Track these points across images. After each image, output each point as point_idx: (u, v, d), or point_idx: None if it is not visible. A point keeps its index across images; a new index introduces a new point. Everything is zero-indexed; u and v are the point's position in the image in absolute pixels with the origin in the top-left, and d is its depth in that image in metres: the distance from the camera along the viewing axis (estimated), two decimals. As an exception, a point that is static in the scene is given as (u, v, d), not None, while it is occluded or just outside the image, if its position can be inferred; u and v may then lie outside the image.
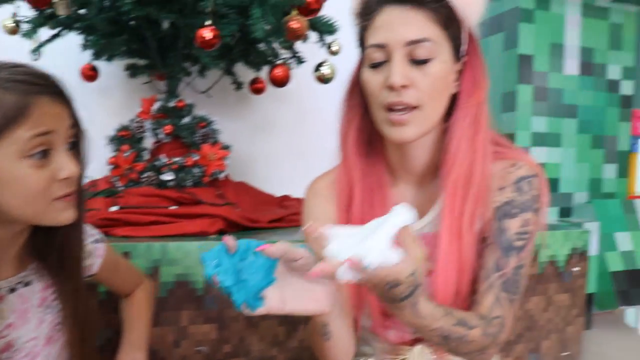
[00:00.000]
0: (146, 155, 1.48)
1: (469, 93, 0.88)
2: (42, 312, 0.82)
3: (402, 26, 0.84)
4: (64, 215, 0.74)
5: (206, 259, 0.67)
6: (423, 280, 0.73)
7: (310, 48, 1.62)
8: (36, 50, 1.55)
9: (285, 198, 1.65)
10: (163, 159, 1.42)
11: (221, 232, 1.25)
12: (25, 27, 1.48)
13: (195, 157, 1.43)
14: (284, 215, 1.43)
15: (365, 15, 0.90)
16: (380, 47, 0.86)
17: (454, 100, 0.89)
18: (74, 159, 0.74)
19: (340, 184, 0.96)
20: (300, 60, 1.67)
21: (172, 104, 1.53)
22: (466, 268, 0.87)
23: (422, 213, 0.93)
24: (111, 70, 1.82)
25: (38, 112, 0.69)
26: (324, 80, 1.58)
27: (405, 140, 0.86)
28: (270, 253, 0.69)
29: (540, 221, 0.88)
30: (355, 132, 0.95)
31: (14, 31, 1.50)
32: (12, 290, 0.79)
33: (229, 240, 0.68)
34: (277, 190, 1.77)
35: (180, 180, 1.40)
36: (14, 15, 1.48)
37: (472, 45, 0.89)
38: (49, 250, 0.82)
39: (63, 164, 0.72)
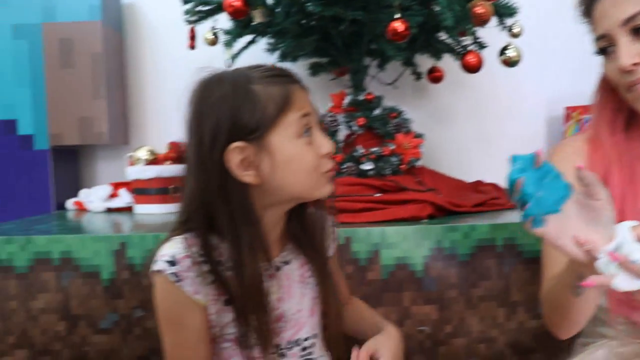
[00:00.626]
0: (342, 147, 1.53)
1: None
2: (302, 288, 0.89)
3: (613, 8, 0.82)
4: (327, 188, 0.83)
5: (515, 160, 0.71)
6: None
7: (487, 33, 1.59)
8: (234, 58, 1.68)
9: (479, 183, 1.64)
10: (360, 149, 1.47)
11: (431, 217, 1.26)
12: (222, 37, 1.61)
13: (392, 147, 1.46)
14: (485, 200, 1.42)
15: (586, 13, 0.90)
16: (602, 37, 0.85)
17: None
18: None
19: (593, 163, 0.93)
20: (481, 46, 1.65)
21: (361, 97, 1.57)
22: None
23: None
24: (295, 70, 1.91)
25: (297, 97, 0.78)
26: (510, 63, 1.54)
27: None
28: (584, 176, 0.70)
29: None
30: (611, 116, 0.92)
31: (213, 42, 1.63)
32: (278, 268, 0.87)
33: (539, 153, 0.71)
34: (462, 177, 1.76)
35: (380, 169, 1.44)
36: (213, 27, 1.62)
37: None
38: (301, 231, 0.90)
39: (322, 141, 0.81)
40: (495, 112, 2.03)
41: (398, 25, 1.29)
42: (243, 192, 0.77)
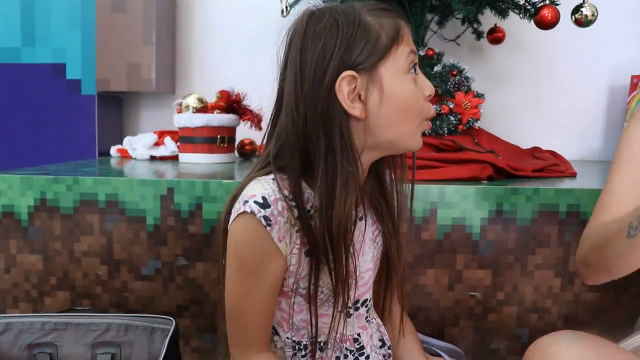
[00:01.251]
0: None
1: None
2: (372, 247, 0.85)
3: None
4: (420, 141, 0.78)
5: None
6: None
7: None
8: (290, 8, 1.63)
9: (537, 149, 1.57)
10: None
11: (491, 178, 1.21)
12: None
13: (451, 105, 1.40)
14: (544, 166, 1.35)
15: None
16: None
17: None
18: None
19: None
20: (554, 2, 1.56)
21: (422, 52, 1.51)
22: None
23: None
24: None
25: (405, 32, 0.74)
26: (584, 23, 1.45)
27: None
28: None
29: None
30: None
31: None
32: (356, 221, 0.81)
33: None
34: (516, 142, 1.69)
35: (437, 127, 1.38)
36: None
37: None
38: (378, 187, 0.86)
39: (425, 82, 0.77)
40: (555, 77, 1.94)
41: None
42: (347, 126, 0.73)
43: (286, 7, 1.63)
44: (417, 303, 1.13)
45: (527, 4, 1.51)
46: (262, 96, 1.16)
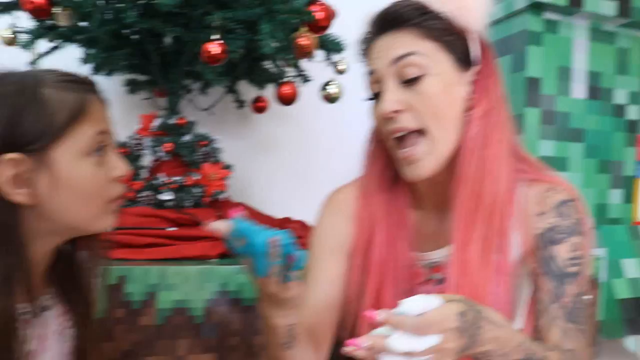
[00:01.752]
0: (144, 174, 1.43)
1: (478, 104, 0.82)
2: (59, 340, 0.78)
3: (388, 49, 0.82)
4: (109, 221, 0.74)
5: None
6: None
7: (315, 67, 1.58)
8: (34, 62, 1.52)
9: (287, 220, 1.60)
10: (162, 177, 1.37)
11: (222, 256, 1.20)
12: (23, 38, 1.44)
13: (196, 177, 1.38)
14: (287, 239, 1.38)
15: (364, 53, 0.89)
16: (372, 74, 0.84)
17: None
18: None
19: (361, 221, 0.91)
20: (306, 79, 1.64)
21: (172, 121, 1.48)
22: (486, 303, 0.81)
23: (445, 242, 0.88)
24: (110, 85, 1.78)
25: (94, 110, 0.70)
26: (330, 99, 1.55)
27: (421, 177, 0.82)
28: None
29: (589, 245, 0.82)
30: (380, 168, 0.91)
31: (11, 42, 1.46)
32: (36, 314, 0.73)
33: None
34: (277, 211, 1.72)
35: (180, 200, 1.35)
36: (12, 25, 1.45)
37: (484, 51, 0.84)
38: (68, 273, 0.79)
39: (116, 162, 0.72)
40: (318, 147, 2.03)
41: (213, 48, 1.23)
42: (9, 213, 0.65)
43: (34, 60, 1.52)
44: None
45: (277, 77, 1.57)
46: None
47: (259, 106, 1.78)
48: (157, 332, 1.06)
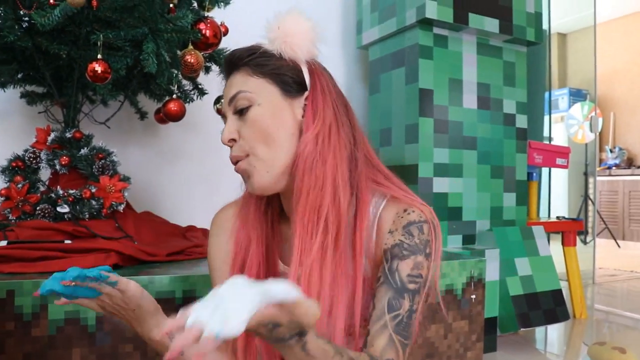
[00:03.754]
0: (42, 187, 1.43)
1: (309, 125, 0.88)
2: None
3: (227, 90, 0.89)
4: None
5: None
6: (311, 320, 0.72)
7: (215, 80, 1.63)
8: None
9: (190, 228, 1.63)
10: (59, 190, 1.37)
11: (116, 267, 1.21)
12: None
13: (93, 189, 1.39)
14: (184, 248, 1.41)
15: None
16: (223, 115, 0.90)
17: None
18: None
19: (238, 238, 0.96)
20: (202, 92, 1.68)
21: (69, 134, 1.48)
22: (326, 309, 0.87)
23: None
24: (7, 96, 1.76)
25: None
26: (222, 113, 1.59)
27: (258, 190, 0.88)
28: None
29: (431, 268, 0.88)
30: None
31: None
32: None
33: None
34: (184, 219, 1.75)
35: (77, 212, 1.36)
36: None
37: (313, 76, 0.90)
38: None
39: None
40: (223, 155, 2.06)
41: (97, 67, 1.26)
42: None
43: None
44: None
45: (162, 93, 1.60)
46: None
47: (161, 117, 1.80)
48: (49, 342, 1.07)
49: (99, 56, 1.26)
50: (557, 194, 5.20)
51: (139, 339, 1.11)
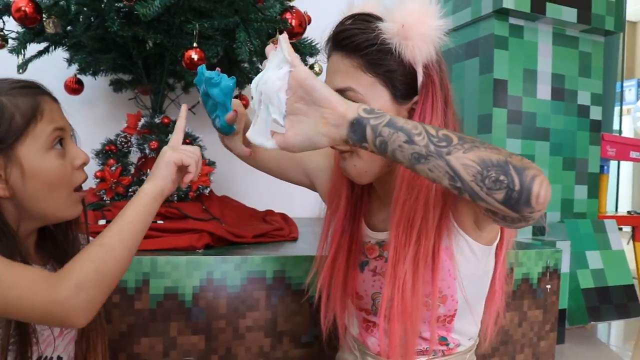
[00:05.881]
0: (132, 170, 1.50)
1: None
2: None
3: (333, 74, 0.89)
4: (76, 209, 0.83)
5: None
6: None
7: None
8: (23, 66, 1.57)
9: (269, 212, 1.68)
10: (149, 173, 1.44)
11: (208, 247, 1.27)
12: (12, 42, 1.50)
13: (181, 173, 1.45)
14: (268, 231, 1.46)
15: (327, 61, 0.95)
16: None
17: None
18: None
19: (336, 178, 1.01)
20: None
21: (157, 120, 1.55)
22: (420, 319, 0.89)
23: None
24: (96, 83, 1.84)
25: (48, 109, 0.78)
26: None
27: (350, 177, 0.91)
28: None
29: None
30: None
31: (0, 46, 1.51)
32: None
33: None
34: (258, 204, 1.80)
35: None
36: (1, 30, 1.50)
37: (429, 81, 0.88)
38: (57, 251, 0.87)
39: (77, 152, 0.81)
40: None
41: (193, 54, 1.31)
42: None
43: (22, 64, 1.58)
44: (132, 372, 1.15)
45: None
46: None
47: (246, 103, 1.85)
48: (150, 315, 1.14)
49: (195, 44, 1.31)
50: (622, 188, 5.06)
51: (232, 316, 1.17)
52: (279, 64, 0.74)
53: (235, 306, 1.18)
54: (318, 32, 1.56)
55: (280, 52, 0.74)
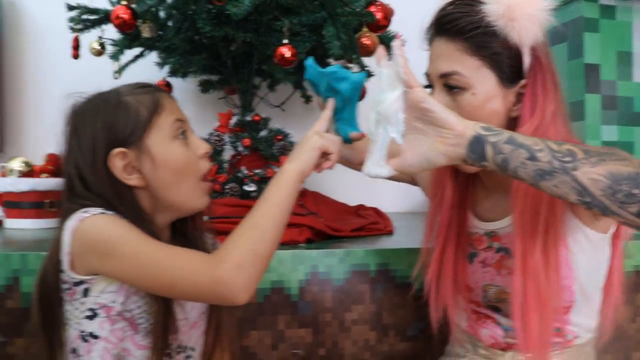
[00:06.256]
0: (227, 167, 1.52)
1: (525, 118, 0.85)
2: None
3: (437, 59, 0.88)
4: (204, 200, 0.87)
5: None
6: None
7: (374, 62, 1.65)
8: (120, 71, 1.63)
9: (361, 207, 1.67)
10: (244, 170, 1.46)
11: (309, 241, 1.27)
12: (110, 49, 1.55)
13: (275, 169, 1.47)
14: (364, 224, 1.45)
15: (428, 45, 0.94)
16: (427, 76, 0.91)
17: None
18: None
19: (435, 181, 1.00)
20: (369, 74, 1.70)
21: (248, 118, 1.57)
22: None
23: (502, 215, 0.95)
24: (184, 85, 1.89)
25: (167, 103, 0.84)
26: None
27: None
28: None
29: None
30: None
31: (99, 53, 1.57)
32: None
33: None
34: (351, 199, 1.79)
35: (262, 191, 1.44)
36: (100, 38, 1.56)
37: (536, 63, 0.86)
38: (187, 243, 0.89)
39: (198, 142, 0.86)
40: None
41: (285, 51, 1.31)
42: (132, 196, 0.81)
43: (118, 70, 1.63)
44: (243, 365, 1.16)
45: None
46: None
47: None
48: (258, 309, 1.15)
49: (285, 41, 1.32)
50: None
51: (338, 309, 1.17)
52: (393, 83, 0.75)
53: (341, 299, 1.18)
54: (401, 25, 1.56)
55: (394, 66, 0.73)
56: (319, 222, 1.32)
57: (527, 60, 0.85)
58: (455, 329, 1.05)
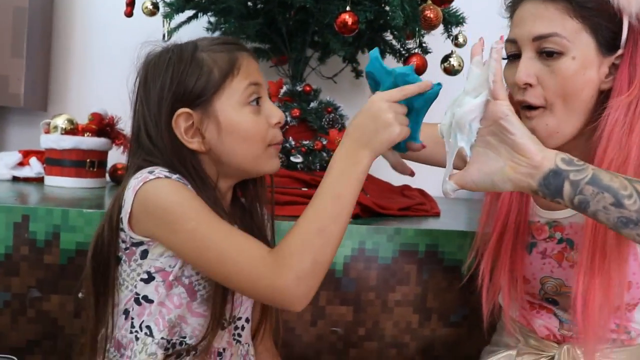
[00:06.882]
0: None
1: (621, 89, 0.80)
2: None
3: (531, 21, 0.82)
4: (274, 162, 0.83)
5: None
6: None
7: (433, 40, 1.59)
8: (171, 33, 1.60)
9: (406, 187, 1.62)
10: (292, 141, 1.43)
11: (356, 217, 1.24)
12: (163, 9, 1.53)
13: (324, 142, 1.43)
14: (411, 205, 1.41)
15: (509, 13, 0.89)
16: (512, 42, 0.84)
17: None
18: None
19: None
20: (426, 51, 1.65)
21: (299, 88, 1.53)
22: (614, 284, 0.81)
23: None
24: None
25: (245, 65, 0.78)
26: (451, 72, 1.54)
27: (538, 138, 0.83)
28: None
29: None
30: None
31: (152, 13, 1.54)
32: None
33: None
34: (396, 179, 1.75)
35: (309, 163, 1.41)
36: (153, -2, 1.53)
37: (632, 35, 0.80)
38: (245, 215, 0.89)
39: (272, 110, 0.81)
40: (431, 117, 2.04)
41: (347, 18, 1.27)
42: (194, 159, 0.78)
43: (168, 32, 1.60)
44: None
45: (401, 49, 1.58)
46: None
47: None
48: (300, 282, 1.12)
49: (348, 8, 1.27)
50: None
51: (381, 289, 1.13)
52: (479, 87, 0.69)
53: (386, 279, 1.14)
54: (464, 2, 1.50)
55: (486, 69, 0.68)
56: (366, 199, 1.28)
57: (625, 29, 0.80)
58: (507, 318, 1.01)
